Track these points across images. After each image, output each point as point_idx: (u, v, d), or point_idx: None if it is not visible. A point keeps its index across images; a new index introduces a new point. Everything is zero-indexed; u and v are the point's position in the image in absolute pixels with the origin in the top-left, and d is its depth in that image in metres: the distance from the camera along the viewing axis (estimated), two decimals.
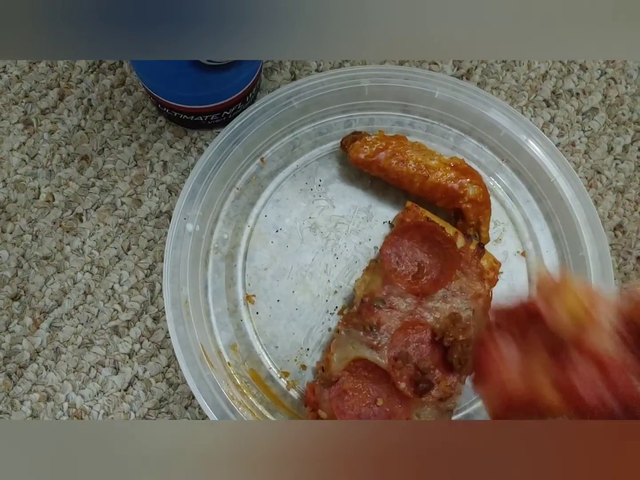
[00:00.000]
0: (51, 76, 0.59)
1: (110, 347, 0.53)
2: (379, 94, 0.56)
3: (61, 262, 0.54)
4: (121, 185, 0.56)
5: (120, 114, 0.58)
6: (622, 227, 0.59)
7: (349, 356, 0.48)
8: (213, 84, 0.51)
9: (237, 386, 0.50)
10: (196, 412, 0.52)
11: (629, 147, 0.61)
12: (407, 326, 0.49)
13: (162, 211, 0.56)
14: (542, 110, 0.61)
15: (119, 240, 0.55)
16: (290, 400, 0.51)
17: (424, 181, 0.52)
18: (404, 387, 0.47)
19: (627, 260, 0.58)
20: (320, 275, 0.54)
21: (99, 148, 0.57)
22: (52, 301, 0.53)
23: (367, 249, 0.55)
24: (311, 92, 0.55)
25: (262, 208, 0.55)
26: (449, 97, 0.56)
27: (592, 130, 0.61)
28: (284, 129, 0.56)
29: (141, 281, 0.54)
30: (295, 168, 0.56)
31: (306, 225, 0.55)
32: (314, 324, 0.52)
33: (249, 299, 0.53)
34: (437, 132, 0.58)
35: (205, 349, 0.49)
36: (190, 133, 0.58)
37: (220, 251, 0.53)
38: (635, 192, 0.59)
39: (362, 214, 0.55)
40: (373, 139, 0.54)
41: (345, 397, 0.47)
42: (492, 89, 0.62)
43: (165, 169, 0.57)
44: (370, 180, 0.56)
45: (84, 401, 0.51)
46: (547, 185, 0.55)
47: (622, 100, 0.62)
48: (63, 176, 0.56)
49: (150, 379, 0.52)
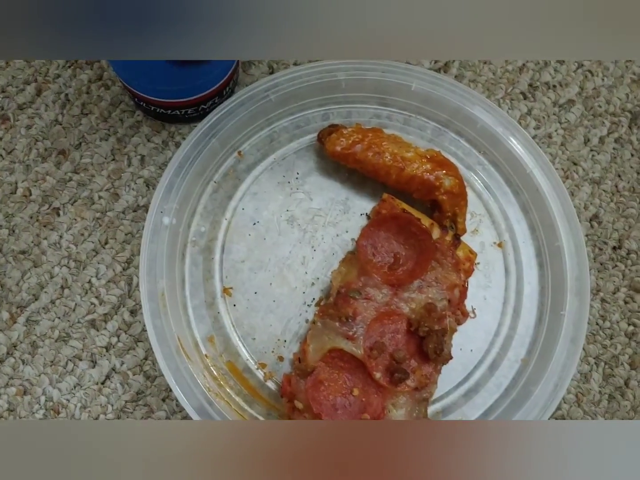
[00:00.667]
0: (28, 71, 0.59)
1: (87, 340, 0.53)
2: (356, 87, 0.57)
3: (38, 256, 0.54)
4: (99, 179, 0.56)
5: (98, 109, 0.58)
6: (598, 217, 0.59)
7: (324, 347, 0.48)
8: (189, 78, 0.51)
9: (215, 378, 0.50)
10: (173, 405, 0.52)
11: (605, 138, 0.61)
12: (383, 316, 0.49)
13: (139, 205, 0.56)
14: (519, 102, 0.62)
15: (96, 234, 0.55)
16: (267, 391, 0.51)
17: (400, 173, 0.52)
18: (379, 377, 0.47)
19: (603, 251, 0.58)
20: (298, 268, 0.54)
21: (76, 143, 0.57)
22: (29, 295, 0.53)
23: (345, 241, 0.55)
24: (288, 85, 0.55)
25: (239, 201, 0.55)
26: (427, 90, 0.56)
27: (568, 122, 0.61)
28: (261, 122, 0.56)
29: (118, 275, 0.54)
30: (272, 161, 0.56)
31: (284, 218, 0.55)
32: (292, 315, 0.53)
33: (226, 291, 0.53)
34: (415, 125, 0.58)
35: (182, 341, 0.49)
36: (168, 127, 0.58)
37: (197, 244, 0.53)
38: (611, 183, 0.60)
39: (339, 206, 0.56)
40: (349, 131, 0.54)
41: (321, 387, 0.47)
42: (470, 82, 0.62)
43: (143, 163, 0.57)
44: (347, 173, 0.56)
45: (61, 395, 0.51)
46: (524, 177, 0.56)
47: (598, 92, 0.63)
48: (40, 171, 0.56)
49: (127, 372, 0.52)
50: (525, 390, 0.51)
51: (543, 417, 0.49)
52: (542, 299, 0.54)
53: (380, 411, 0.47)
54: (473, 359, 0.53)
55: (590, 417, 0.54)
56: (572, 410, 0.54)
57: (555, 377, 0.50)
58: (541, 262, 0.55)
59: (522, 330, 0.53)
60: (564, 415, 0.54)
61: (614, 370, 0.56)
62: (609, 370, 0.56)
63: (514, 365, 0.52)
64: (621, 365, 0.56)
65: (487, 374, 0.52)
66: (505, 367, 0.52)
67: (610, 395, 0.55)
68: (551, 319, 0.52)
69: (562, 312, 0.52)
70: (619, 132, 0.62)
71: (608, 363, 0.56)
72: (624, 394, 0.55)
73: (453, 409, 0.51)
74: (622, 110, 0.62)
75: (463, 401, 0.52)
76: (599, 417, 0.54)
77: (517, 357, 0.53)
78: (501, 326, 0.53)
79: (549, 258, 0.54)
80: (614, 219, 0.59)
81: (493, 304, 0.54)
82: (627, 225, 0.59)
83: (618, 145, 0.61)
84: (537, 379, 0.50)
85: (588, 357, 0.56)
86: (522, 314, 0.53)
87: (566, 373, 0.50)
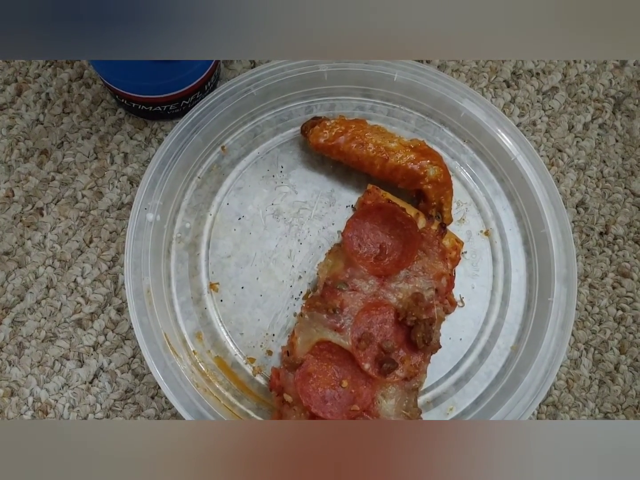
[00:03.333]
0: (8, 71, 0.58)
1: (74, 340, 0.52)
2: (339, 78, 0.56)
3: (22, 257, 0.54)
4: (82, 178, 0.56)
5: (79, 107, 0.58)
6: (584, 203, 0.59)
7: (312, 339, 0.48)
8: (170, 73, 0.51)
9: (203, 374, 0.50)
10: (162, 402, 0.51)
11: (589, 124, 0.61)
12: (370, 307, 0.49)
13: (123, 203, 0.56)
14: (503, 91, 0.62)
15: (80, 234, 0.55)
16: (257, 386, 0.51)
17: (384, 163, 0.52)
18: (368, 368, 0.47)
19: (589, 237, 0.58)
20: (284, 261, 0.54)
21: (58, 142, 0.57)
22: (14, 296, 0.53)
23: (331, 234, 0.55)
24: (270, 79, 0.55)
25: (224, 196, 0.55)
26: (410, 81, 0.56)
27: (552, 109, 0.61)
28: (244, 116, 0.56)
29: (104, 273, 0.54)
30: (256, 155, 0.56)
31: (269, 212, 0.55)
32: (279, 309, 0.52)
33: (213, 287, 0.52)
34: (399, 116, 0.58)
35: (169, 338, 0.49)
36: (150, 124, 0.58)
37: (183, 240, 0.53)
38: (596, 169, 0.60)
39: (324, 199, 0.55)
40: (332, 123, 0.54)
41: (309, 379, 0.47)
42: (453, 72, 0.62)
43: (126, 161, 0.57)
44: (332, 166, 0.56)
45: (49, 395, 0.51)
46: (509, 164, 0.55)
47: (581, 78, 0.63)
48: (22, 171, 0.56)
49: (115, 371, 0.52)
50: (515, 377, 0.51)
51: (533, 403, 0.49)
52: (530, 286, 0.54)
53: (370, 402, 0.47)
54: (462, 347, 0.52)
55: (582, 403, 0.54)
56: (563, 396, 0.54)
57: (545, 364, 0.50)
58: (528, 250, 0.55)
59: (510, 317, 0.53)
60: (554, 402, 0.54)
61: (604, 356, 0.56)
62: (599, 355, 0.56)
63: (503, 353, 0.52)
64: (610, 350, 0.56)
65: (476, 362, 0.52)
66: (495, 355, 0.52)
67: (600, 381, 0.55)
68: (539, 306, 0.52)
69: (550, 299, 0.51)
70: (603, 117, 0.62)
71: (597, 348, 0.56)
72: (614, 379, 0.55)
73: (444, 398, 0.51)
74: (606, 96, 0.62)
75: (453, 390, 0.52)
76: (590, 403, 0.54)
77: (507, 344, 0.52)
78: (490, 314, 0.53)
79: (535, 245, 0.54)
80: (600, 205, 0.59)
81: (481, 292, 0.54)
82: (613, 211, 0.59)
83: (602, 131, 0.61)
84: (527, 366, 0.50)
85: (577, 343, 0.56)
86: (510, 301, 0.53)
87: (556, 359, 0.50)
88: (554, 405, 0.54)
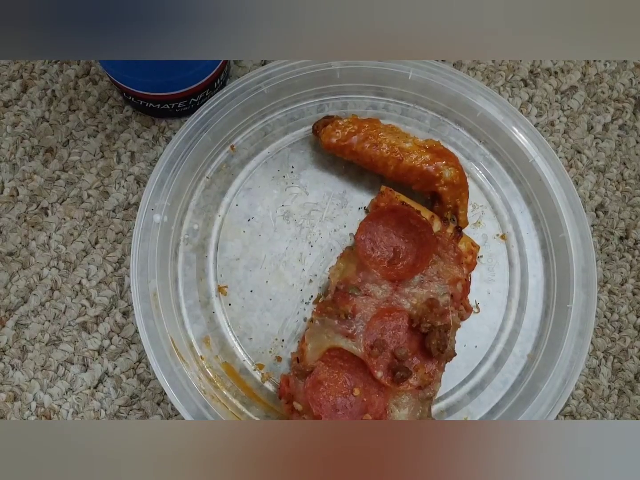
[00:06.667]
0: (13, 67, 0.57)
1: (78, 343, 0.51)
2: (352, 76, 0.55)
3: (26, 257, 0.52)
4: (87, 177, 0.55)
5: (86, 105, 0.56)
6: (604, 207, 0.57)
7: (323, 346, 0.46)
8: (178, 70, 0.49)
9: (210, 380, 0.48)
10: (168, 408, 0.50)
11: (609, 125, 0.59)
12: (383, 313, 0.47)
13: (130, 203, 0.54)
14: (520, 90, 0.60)
15: (86, 234, 0.53)
16: (265, 393, 0.49)
17: (398, 164, 0.51)
18: (381, 376, 0.46)
19: (609, 241, 0.56)
20: (295, 264, 0.52)
21: (64, 140, 0.55)
22: (17, 298, 0.52)
23: (343, 236, 0.53)
24: (281, 77, 0.54)
25: (233, 197, 0.53)
26: (424, 79, 0.55)
27: (571, 109, 0.60)
28: (254, 115, 0.54)
29: (110, 275, 0.53)
30: (266, 155, 0.55)
31: (279, 213, 0.53)
32: (289, 314, 0.51)
33: (221, 290, 0.51)
34: (413, 115, 0.56)
35: (175, 342, 0.48)
36: (158, 122, 0.56)
37: (190, 242, 0.52)
38: (616, 172, 0.58)
39: (336, 200, 0.54)
40: (345, 122, 0.52)
41: (320, 387, 0.46)
42: (469, 70, 0.60)
43: (133, 160, 0.55)
44: (344, 166, 0.54)
45: (53, 400, 0.50)
46: (526, 166, 0.54)
47: (601, 78, 0.61)
48: (27, 170, 0.54)
49: (120, 376, 0.51)
50: (533, 386, 0.49)
51: (551, 414, 0.47)
52: (548, 292, 0.52)
53: (383, 411, 0.45)
54: (478, 355, 0.51)
55: (600, 413, 0.53)
56: (581, 406, 0.53)
57: (563, 373, 0.48)
58: (546, 254, 0.53)
59: (527, 324, 0.51)
60: (572, 411, 0.53)
61: (624, 364, 0.54)
62: (618, 364, 0.54)
63: (520, 361, 0.51)
64: (630, 358, 0.54)
65: (492, 370, 0.51)
66: (511, 363, 0.51)
67: (620, 390, 0.53)
68: (557, 313, 0.51)
69: (569, 305, 0.50)
70: (624, 118, 0.60)
71: (617, 357, 0.54)
72: (634, 389, 0.53)
73: (458, 407, 0.50)
74: (626, 96, 0.60)
75: (468, 399, 0.50)
76: (609, 413, 0.53)
77: (523, 352, 0.51)
78: (506, 321, 0.52)
79: (554, 250, 0.53)
80: (620, 209, 0.57)
81: (497, 298, 0.52)
82: (633, 215, 0.57)
83: (622, 132, 0.59)
84: (545, 375, 0.49)
85: (596, 351, 0.54)
86: (527, 308, 0.52)
87: (574, 368, 0.48)
88: (572, 415, 0.53)
